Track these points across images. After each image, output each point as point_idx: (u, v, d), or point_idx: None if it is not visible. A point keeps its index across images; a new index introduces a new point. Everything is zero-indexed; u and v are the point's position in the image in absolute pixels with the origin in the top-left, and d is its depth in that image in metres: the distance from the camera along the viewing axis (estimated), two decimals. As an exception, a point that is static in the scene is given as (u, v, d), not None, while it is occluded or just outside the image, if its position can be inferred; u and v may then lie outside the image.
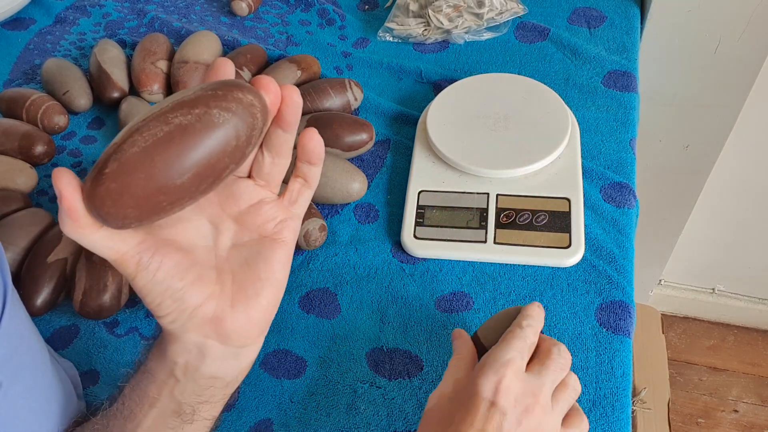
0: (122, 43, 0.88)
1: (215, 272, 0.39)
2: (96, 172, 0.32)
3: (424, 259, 0.65)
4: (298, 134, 0.39)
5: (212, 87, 0.33)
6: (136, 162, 0.31)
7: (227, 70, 0.37)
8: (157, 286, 0.37)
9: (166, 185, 0.32)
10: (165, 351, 0.40)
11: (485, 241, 0.64)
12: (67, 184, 0.32)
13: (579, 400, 0.55)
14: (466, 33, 0.85)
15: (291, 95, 0.36)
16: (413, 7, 0.87)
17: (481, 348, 0.55)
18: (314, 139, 0.39)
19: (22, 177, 0.71)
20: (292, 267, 0.45)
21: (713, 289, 1.47)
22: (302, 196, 0.41)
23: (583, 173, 0.69)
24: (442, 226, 0.65)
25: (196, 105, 0.32)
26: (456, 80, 0.76)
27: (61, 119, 0.78)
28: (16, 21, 0.95)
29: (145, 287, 0.37)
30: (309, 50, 0.87)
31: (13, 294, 0.44)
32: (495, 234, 0.64)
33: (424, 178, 0.69)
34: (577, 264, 0.63)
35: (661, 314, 1.43)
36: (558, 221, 0.64)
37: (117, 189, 0.32)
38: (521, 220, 0.65)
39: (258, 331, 0.41)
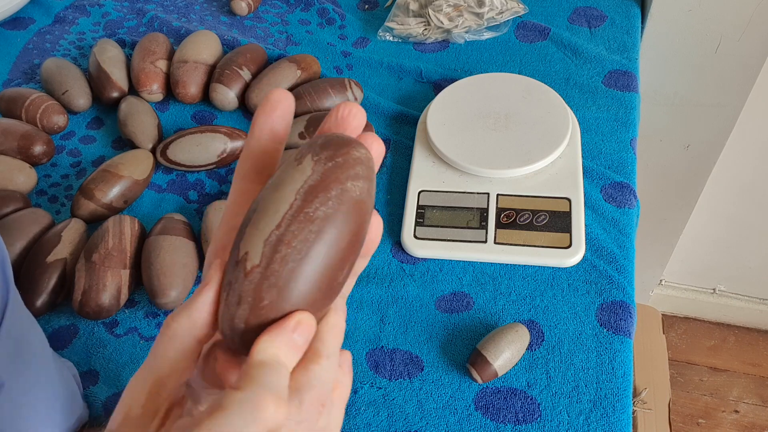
0: (122, 43, 0.88)
1: None
2: (249, 308, 0.26)
3: (424, 259, 0.65)
4: None
5: (326, 155, 0.28)
6: (297, 279, 0.26)
7: (287, 106, 0.31)
8: None
9: (331, 287, 0.28)
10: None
11: (485, 241, 0.64)
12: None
13: (580, 401, 0.55)
14: (466, 32, 0.85)
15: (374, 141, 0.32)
16: (413, 6, 0.87)
17: (484, 362, 0.55)
18: (378, 231, 0.33)
19: (21, 177, 0.71)
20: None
21: (714, 289, 1.47)
22: (347, 287, 0.35)
23: (583, 173, 0.69)
24: (442, 226, 0.65)
25: (329, 186, 0.27)
26: (456, 80, 0.76)
27: (60, 119, 0.77)
28: (16, 21, 0.95)
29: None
30: (309, 50, 0.87)
31: (15, 294, 0.44)
32: (495, 234, 0.64)
33: (424, 178, 0.69)
34: (578, 264, 0.63)
35: (662, 314, 1.43)
36: (558, 221, 0.64)
37: (283, 311, 0.27)
38: (521, 220, 0.64)
39: None
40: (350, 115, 0.31)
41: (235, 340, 0.27)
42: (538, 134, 0.69)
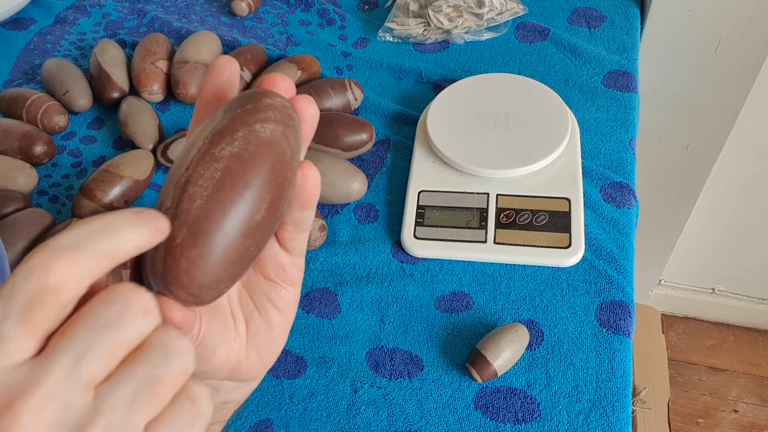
0: (122, 43, 0.88)
1: (232, 323, 0.36)
2: (165, 249, 0.27)
3: (424, 259, 0.65)
4: None
5: (237, 104, 0.28)
6: (206, 215, 0.27)
7: (232, 69, 0.32)
8: None
9: (249, 226, 0.28)
10: None
11: (485, 241, 0.64)
12: (175, 311, 0.27)
13: (580, 400, 0.55)
14: (466, 33, 0.85)
15: (306, 107, 0.31)
16: (413, 7, 0.87)
17: (483, 361, 0.56)
18: (310, 180, 0.32)
19: (22, 177, 0.71)
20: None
21: (713, 289, 1.47)
22: (297, 242, 0.35)
23: (583, 173, 0.69)
24: (442, 226, 0.65)
25: (236, 128, 0.27)
26: (456, 80, 0.76)
27: (61, 119, 0.78)
28: (16, 21, 0.95)
29: None
30: (309, 50, 0.87)
31: None
32: (495, 234, 0.64)
33: (424, 178, 0.69)
34: (577, 264, 0.63)
35: (661, 314, 1.43)
36: (558, 221, 0.64)
37: (200, 254, 0.27)
38: (521, 220, 0.65)
39: (271, 363, 0.39)
40: (276, 77, 0.31)
41: (158, 283, 0.27)
42: (537, 134, 0.69)
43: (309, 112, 0.32)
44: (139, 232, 0.25)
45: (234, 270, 0.28)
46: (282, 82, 0.31)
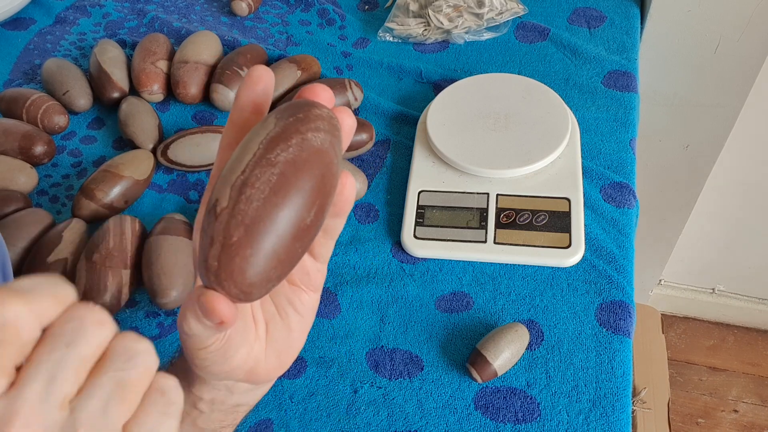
0: (122, 43, 0.88)
1: (253, 325, 0.37)
2: (222, 247, 0.28)
3: (424, 259, 0.65)
4: None
5: (289, 113, 0.30)
6: (263, 216, 0.28)
7: (268, 80, 0.33)
8: (215, 356, 0.34)
9: (299, 229, 0.29)
10: (189, 386, 0.39)
11: (485, 241, 0.64)
12: (224, 306, 0.28)
13: (580, 400, 0.55)
14: (466, 33, 0.85)
15: (345, 119, 0.33)
16: (413, 7, 0.87)
17: (483, 361, 0.56)
18: (348, 188, 0.33)
19: (22, 177, 0.71)
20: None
21: (713, 289, 1.47)
22: (324, 248, 0.37)
23: (583, 173, 0.69)
24: (442, 226, 0.65)
25: (289, 136, 0.29)
26: (456, 80, 0.76)
27: (61, 119, 0.78)
28: (16, 21, 0.95)
29: (204, 359, 0.34)
30: (309, 50, 0.87)
31: None
32: (495, 234, 0.64)
33: (424, 178, 0.69)
34: (577, 264, 0.63)
35: (661, 314, 1.43)
36: (558, 221, 0.64)
37: (254, 253, 0.28)
38: (521, 220, 0.65)
39: (286, 367, 0.40)
40: (318, 88, 0.33)
41: (210, 279, 0.28)
42: (537, 134, 0.69)
43: (348, 123, 0.33)
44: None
45: (282, 270, 0.30)
46: (323, 93, 0.33)
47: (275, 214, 0.28)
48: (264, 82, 0.33)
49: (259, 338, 0.37)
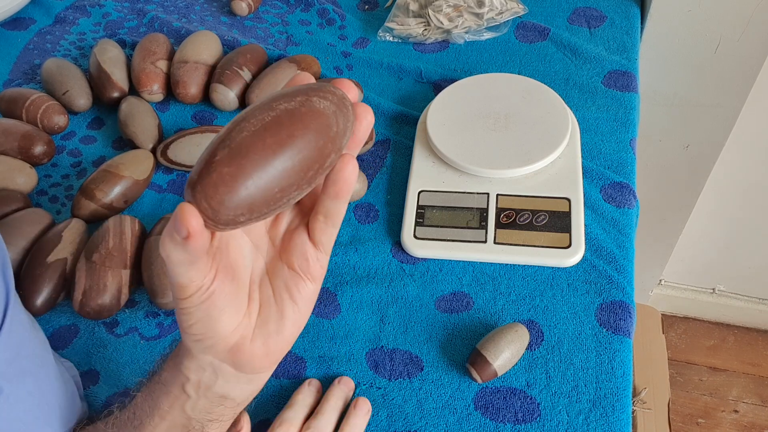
0: (122, 43, 0.88)
1: (246, 296, 0.37)
2: (204, 163, 0.30)
3: (424, 259, 0.65)
4: None
5: (306, 85, 0.33)
6: (248, 145, 0.30)
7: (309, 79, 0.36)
8: (198, 311, 0.35)
9: (282, 170, 0.31)
10: (179, 365, 0.40)
11: (485, 241, 0.64)
12: (192, 216, 0.30)
13: (580, 400, 0.55)
14: (466, 33, 0.85)
15: (365, 114, 0.35)
16: (413, 7, 0.87)
17: (483, 361, 0.56)
18: (348, 168, 0.34)
19: (22, 177, 0.71)
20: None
21: (713, 289, 1.47)
22: (325, 235, 0.37)
23: (583, 173, 0.69)
24: (442, 226, 0.65)
25: (297, 95, 0.32)
26: (456, 80, 0.76)
27: (60, 119, 0.78)
28: (16, 21, 0.95)
29: (187, 309, 0.35)
30: (309, 50, 0.87)
31: (15, 297, 0.44)
32: (495, 234, 0.64)
33: (424, 178, 0.69)
34: (577, 264, 0.63)
35: (661, 314, 1.43)
36: (558, 221, 0.64)
37: (231, 173, 0.30)
38: (521, 220, 0.65)
39: (272, 362, 0.40)
40: (348, 82, 0.35)
41: (188, 192, 0.30)
42: (537, 134, 0.69)
43: (367, 118, 0.35)
44: None
45: (256, 207, 0.31)
46: (350, 88, 0.35)
47: (260, 146, 0.30)
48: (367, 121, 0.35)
49: (249, 316, 0.37)
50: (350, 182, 0.34)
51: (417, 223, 0.66)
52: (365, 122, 0.35)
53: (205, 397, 0.40)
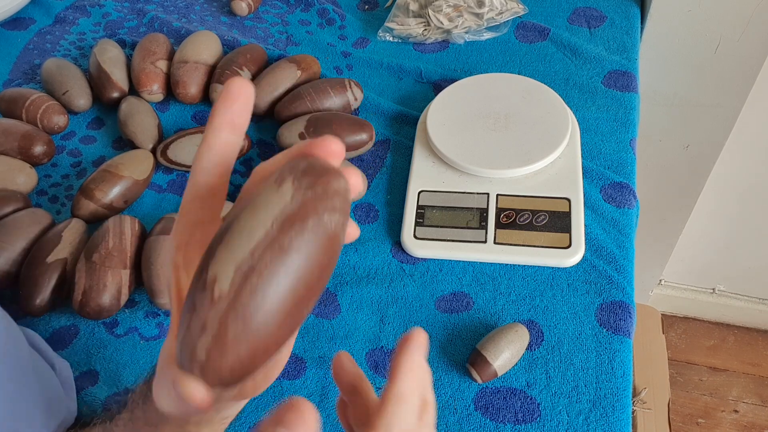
0: (122, 43, 0.88)
1: None
2: (212, 339, 0.26)
3: (424, 259, 0.65)
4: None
5: (306, 183, 0.27)
6: (265, 315, 0.26)
7: (246, 97, 0.30)
8: (238, 405, 0.35)
9: (295, 321, 0.28)
10: (174, 419, 0.38)
11: (485, 241, 0.64)
12: (204, 395, 0.27)
13: (580, 400, 0.55)
14: (466, 33, 0.85)
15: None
16: (413, 7, 0.87)
17: (483, 362, 0.56)
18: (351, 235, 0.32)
19: (22, 177, 0.71)
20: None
21: (713, 289, 1.47)
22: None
23: (583, 173, 0.69)
24: (442, 226, 0.65)
25: (306, 216, 0.27)
26: (456, 80, 0.76)
27: (60, 119, 0.78)
28: (16, 21, 0.95)
29: (239, 405, 0.35)
30: (309, 50, 0.87)
31: None
32: (495, 234, 0.64)
33: (424, 178, 0.69)
34: (577, 264, 0.63)
35: (661, 314, 1.43)
36: (558, 221, 0.64)
37: (247, 354, 0.26)
38: (521, 220, 0.65)
39: (272, 381, 0.39)
40: (331, 144, 0.30)
41: (195, 371, 0.27)
42: (537, 134, 0.69)
43: (357, 190, 0.32)
44: None
45: (265, 359, 0.28)
46: (336, 148, 0.30)
47: (279, 311, 0.26)
48: (241, 100, 0.30)
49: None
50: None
51: (417, 223, 0.66)
52: (354, 191, 0.32)
53: (207, 426, 0.40)
